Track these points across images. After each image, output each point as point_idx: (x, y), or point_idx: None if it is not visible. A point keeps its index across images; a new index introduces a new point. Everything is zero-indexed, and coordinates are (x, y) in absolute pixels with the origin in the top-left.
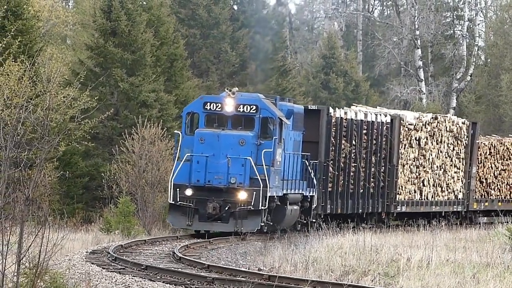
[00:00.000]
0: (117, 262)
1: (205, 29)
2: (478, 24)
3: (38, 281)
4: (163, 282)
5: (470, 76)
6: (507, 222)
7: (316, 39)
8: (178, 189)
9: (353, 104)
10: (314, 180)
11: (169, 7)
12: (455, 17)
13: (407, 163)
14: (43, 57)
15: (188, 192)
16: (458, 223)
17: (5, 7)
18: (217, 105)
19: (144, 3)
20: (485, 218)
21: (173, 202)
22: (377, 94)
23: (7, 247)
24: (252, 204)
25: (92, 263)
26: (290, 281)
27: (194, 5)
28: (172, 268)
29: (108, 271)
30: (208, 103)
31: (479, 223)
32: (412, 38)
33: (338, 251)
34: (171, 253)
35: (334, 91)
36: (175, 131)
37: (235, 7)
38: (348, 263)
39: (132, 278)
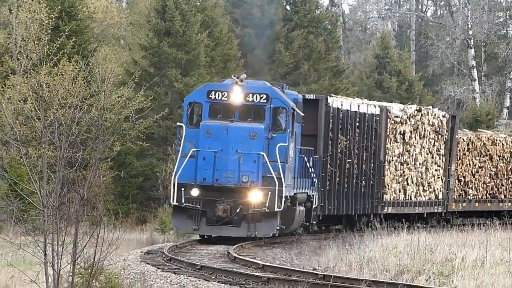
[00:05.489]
0: (172, 262)
1: (258, 29)
2: None
3: (93, 281)
4: (218, 282)
5: None
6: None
7: (369, 39)
8: (182, 189)
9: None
10: (315, 178)
11: (222, 7)
12: (508, 16)
13: (392, 160)
14: (97, 57)
15: (194, 192)
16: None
17: (59, 7)
18: (223, 94)
19: (198, 3)
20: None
21: (177, 204)
22: (430, 94)
23: (62, 247)
24: (267, 205)
25: (147, 263)
26: (345, 280)
27: (248, 4)
28: (227, 268)
29: (163, 271)
30: (213, 92)
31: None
32: (465, 38)
33: (392, 250)
34: (226, 253)
35: (387, 91)
36: (178, 123)
37: (288, 7)
38: (403, 262)
39: (187, 278)
